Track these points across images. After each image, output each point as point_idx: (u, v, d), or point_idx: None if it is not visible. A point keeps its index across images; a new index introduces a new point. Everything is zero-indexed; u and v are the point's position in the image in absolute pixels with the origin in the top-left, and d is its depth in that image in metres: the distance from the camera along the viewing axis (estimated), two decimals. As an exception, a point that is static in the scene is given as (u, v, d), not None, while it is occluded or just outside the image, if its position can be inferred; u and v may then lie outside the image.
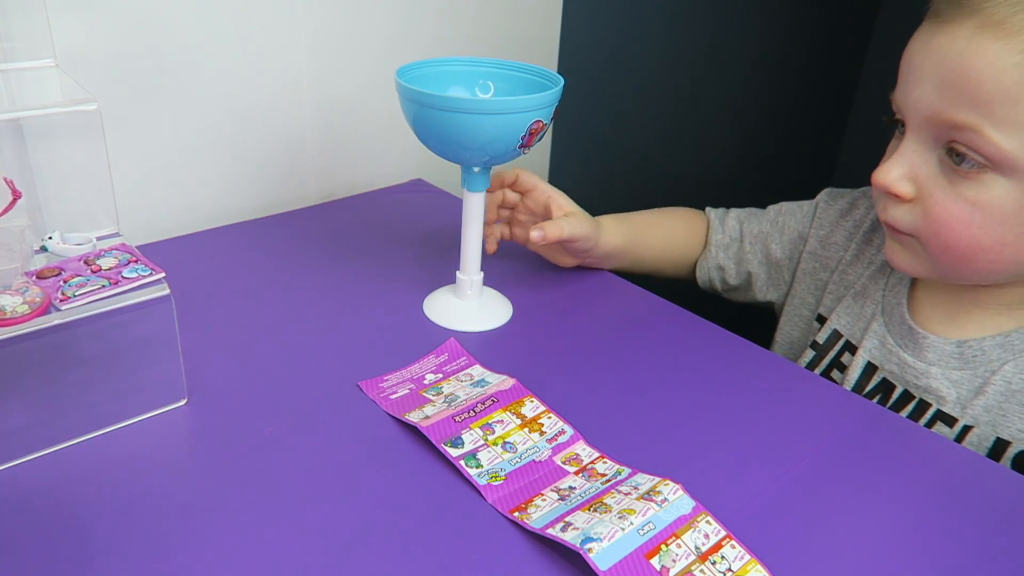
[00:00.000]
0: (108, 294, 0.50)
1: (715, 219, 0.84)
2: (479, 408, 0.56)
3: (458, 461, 0.51)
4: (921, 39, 0.57)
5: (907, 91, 0.58)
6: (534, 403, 0.57)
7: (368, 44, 0.91)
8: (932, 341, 0.64)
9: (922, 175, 0.58)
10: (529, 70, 0.66)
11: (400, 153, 0.99)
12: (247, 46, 0.81)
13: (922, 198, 0.59)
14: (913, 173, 0.59)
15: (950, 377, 0.63)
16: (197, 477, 0.50)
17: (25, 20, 0.59)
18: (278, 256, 0.78)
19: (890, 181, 0.59)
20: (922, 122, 0.57)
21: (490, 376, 0.60)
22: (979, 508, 0.51)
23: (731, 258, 0.83)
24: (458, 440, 0.53)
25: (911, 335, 0.66)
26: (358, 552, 0.45)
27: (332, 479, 0.50)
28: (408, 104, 0.60)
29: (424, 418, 0.55)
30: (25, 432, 0.50)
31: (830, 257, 0.77)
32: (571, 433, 0.54)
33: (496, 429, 0.54)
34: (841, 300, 0.74)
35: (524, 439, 0.54)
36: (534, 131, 0.60)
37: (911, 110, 0.58)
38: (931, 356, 0.64)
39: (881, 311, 0.70)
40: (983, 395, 0.62)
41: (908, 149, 0.59)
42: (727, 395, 0.61)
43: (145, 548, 0.45)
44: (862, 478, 0.53)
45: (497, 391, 0.58)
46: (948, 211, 0.57)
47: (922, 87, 0.57)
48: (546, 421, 0.55)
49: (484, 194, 0.65)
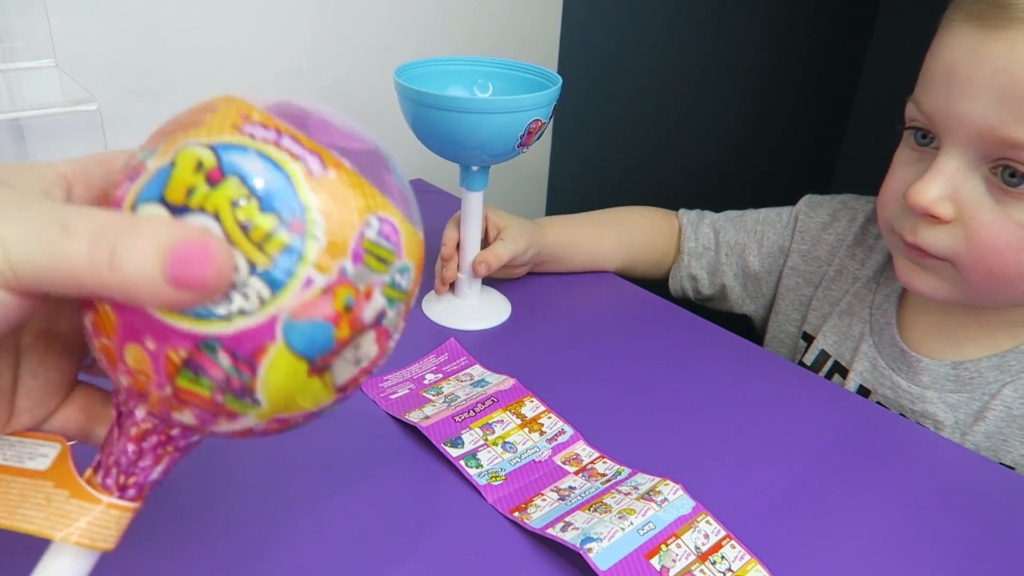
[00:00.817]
0: (108, 295, 0.50)
1: (688, 225, 0.80)
2: (479, 408, 0.56)
3: (458, 461, 0.51)
4: (964, 44, 0.52)
5: (951, 102, 0.52)
6: (534, 403, 0.57)
7: (368, 44, 0.91)
8: (927, 364, 0.62)
9: (965, 195, 0.53)
10: (528, 69, 0.66)
11: (400, 153, 0.98)
12: (247, 46, 0.81)
13: (964, 220, 0.53)
14: (955, 193, 0.53)
15: (947, 401, 0.61)
16: (197, 477, 0.50)
17: (25, 20, 0.59)
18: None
19: (929, 202, 0.53)
20: (971, 137, 0.52)
21: (490, 376, 0.60)
22: (979, 508, 0.51)
23: (704, 268, 0.79)
24: (458, 440, 0.53)
25: (903, 357, 0.63)
26: (358, 552, 0.45)
27: (332, 479, 0.50)
28: (407, 103, 0.60)
29: (424, 418, 0.55)
30: (25, 433, 0.50)
31: (813, 272, 0.74)
32: (571, 433, 0.54)
33: (496, 429, 0.54)
34: (827, 318, 0.71)
35: (524, 439, 0.54)
36: (533, 130, 0.60)
37: (956, 123, 0.52)
38: (926, 379, 0.62)
39: (870, 331, 0.67)
40: (983, 420, 0.59)
41: (948, 165, 0.53)
42: (727, 395, 0.61)
43: (145, 548, 0.45)
44: (862, 478, 0.53)
45: (497, 391, 0.58)
46: (997, 236, 0.52)
47: (975, 99, 0.51)
48: (546, 421, 0.55)
49: (483, 193, 0.65)
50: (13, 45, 0.59)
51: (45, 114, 0.53)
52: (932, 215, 0.54)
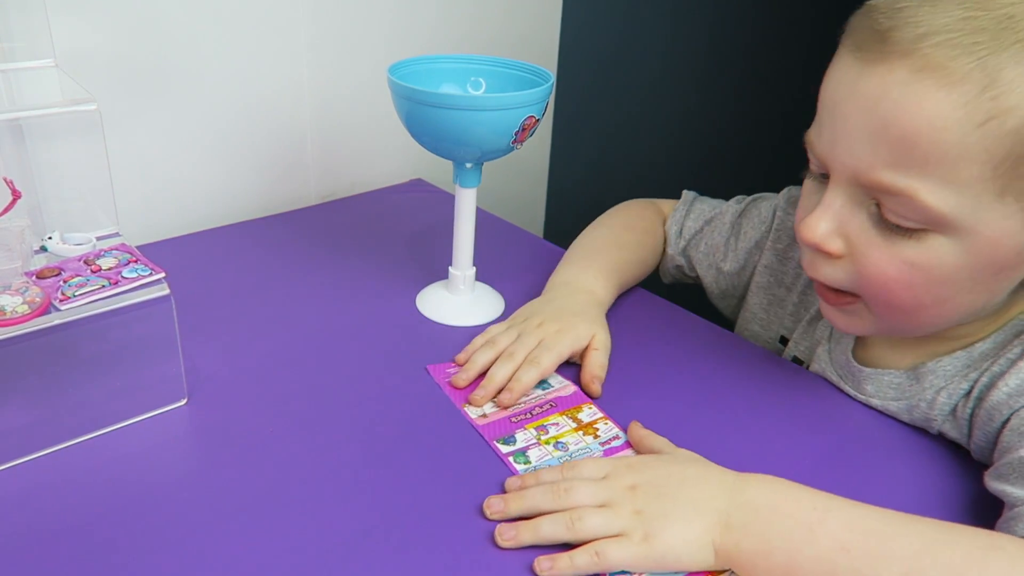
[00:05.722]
0: (108, 294, 0.50)
1: (672, 231, 0.77)
2: (536, 411, 0.57)
3: (507, 457, 0.53)
4: (844, 79, 0.49)
5: (831, 141, 0.51)
6: (592, 409, 0.58)
7: (368, 44, 0.91)
8: (868, 374, 0.60)
9: (853, 230, 0.51)
10: (520, 67, 0.66)
11: (399, 153, 0.99)
12: (247, 46, 0.82)
13: (854, 256, 0.51)
14: (843, 228, 0.51)
15: (888, 409, 0.59)
16: (197, 477, 0.50)
17: (25, 20, 0.59)
18: (278, 256, 0.78)
19: (819, 238, 0.51)
20: (851, 177, 0.50)
21: (553, 378, 0.61)
22: (979, 509, 0.51)
23: (685, 260, 0.77)
24: (511, 438, 0.54)
25: (848, 367, 0.61)
26: (358, 552, 0.45)
27: (332, 479, 0.51)
28: (401, 101, 0.60)
29: (481, 415, 0.56)
30: (25, 432, 0.50)
31: (787, 273, 0.70)
32: (625, 439, 0.55)
33: (550, 431, 0.56)
34: (799, 323, 0.68)
35: (577, 440, 0.55)
36: (527, 126, 0.60)
37: (836, 163, 0.50)
38: (870, 388, 0.60)
39: (828, 336, 0.64)
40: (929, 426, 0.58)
41: (834, 201, 0.51)
42: (727, 395, 0.61)
43: (145, 548, 0.45)
44: (862, 478, 0.53)
45: (556, 396, 0.59)
46: (885, 272, 0.50)
47: (850, 140, 0.49)
48: (602, 426, 0.56)
49: (475, 190, 0.66)
50: (13, 45, 0.59)
51: (45, 114, 0.53)
52: (824, 251, 0.52)
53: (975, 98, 0.44)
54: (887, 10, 0.47)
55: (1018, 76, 0.43)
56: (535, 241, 0.87)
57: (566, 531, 0.46)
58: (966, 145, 0.45)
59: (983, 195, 0.46)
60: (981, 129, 0.44)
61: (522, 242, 0.86)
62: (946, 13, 0.45)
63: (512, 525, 0.47)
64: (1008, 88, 0.43)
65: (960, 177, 0.45)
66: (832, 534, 0.43)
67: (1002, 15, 0.44)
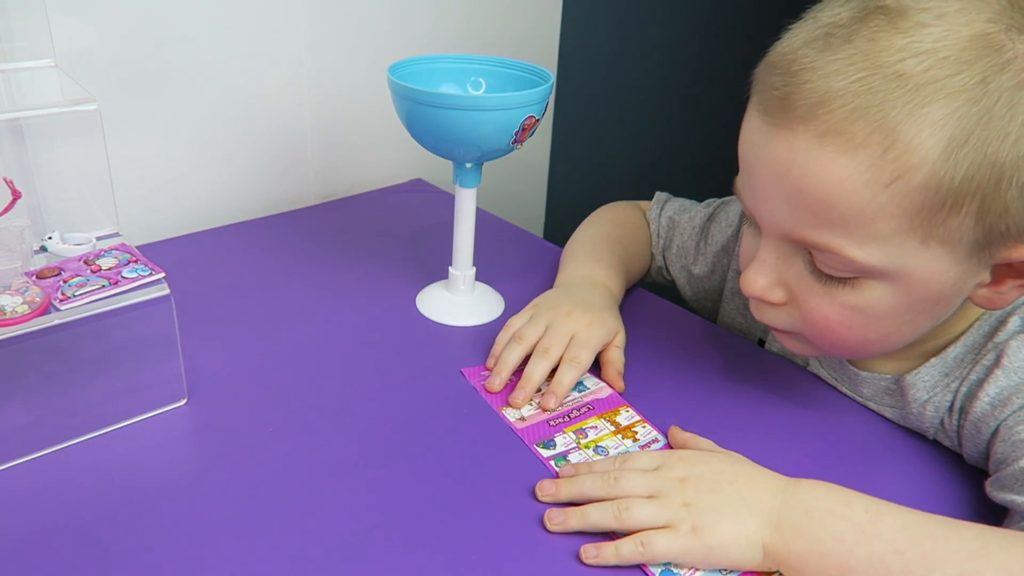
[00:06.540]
0: (108, 294, 0.50)
1: (652, 231, 0.77)
2: (574, 414, 0.57)
3: (548, 461, 0.53)
4: (756, 140, 0.49)
5: (753, 200, 0.51)
6: (629, 412, 0.58)
7: (368, 44, 0.91)
8: (864, 377, 0.60)
9: (792, 279, 0.52)
10: (520, 67, 0.66)
11: (399, 153, 0.99)
12: (247, 46, 0.82)
13: (796, 302, 0.52)
14: (781, 279, 0.52)
15: (884, 415, 0.60)
16: (197, 477, 0.50)
17: (25, 20, 0.59)
18: (278, 256, 0.78)
19: (760, 291, 0.52)
20: (779, 234, 0.50)
21: (588, 380, 0.61)
22: (979, 509, 0.51)
23: (664, 261, 0.77)
24: (551, 442, 0.55)
25: (843, 368, 0.61)
26: (358, 552, 0.45)
27: (332, 479, 0.51)
28: (401, 101, 0.60)
29: (520, 419, 0.56)
30: (25, 432, 0.50)
31: None
32: (664, 443, 0.55)
33: (589, 434, 0.56)
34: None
35: (617, 444, 0.55)
36: (527, 126, 0.60)
37: (763, 222, 0.51)
38: (866, 391, 0.60)
39: None
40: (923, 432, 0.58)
41: (769, 255, 0.52)
42: (727, 395, 0.61)
43: (145, 548, 0.45)
44: (862, 478, 0.53)
45: (594, 399, 0.59)
46: (827, 316, 0.51)
47: (769, 202, 0.49)
48: (640, 429, 0.56)
49: (475, 190, 0.66)
50: (13, 45, 0.59)
51: (45, 114, 0.53)
52: (767, 302, 0.53)
53: (878, 160, 0.44)
54: (784, 71, 0.47)
55: (916, 133, 0.43)
56: (535, 241, 0.87)
57: (613, 519, 0.46)
58: (879, 204, 0.45)
59: (906, 244, 0.46)
60: (889, 189, 0.44)
61: (522, 242, 0.86)
62: (840, 75, 0.44)
63: (561, 510, 0.48)
64: (908, 147, 0.43)
65: (880, 232, 0.46)
66: (885, 536, 0.43)
67: (892, 73, 0.43)
